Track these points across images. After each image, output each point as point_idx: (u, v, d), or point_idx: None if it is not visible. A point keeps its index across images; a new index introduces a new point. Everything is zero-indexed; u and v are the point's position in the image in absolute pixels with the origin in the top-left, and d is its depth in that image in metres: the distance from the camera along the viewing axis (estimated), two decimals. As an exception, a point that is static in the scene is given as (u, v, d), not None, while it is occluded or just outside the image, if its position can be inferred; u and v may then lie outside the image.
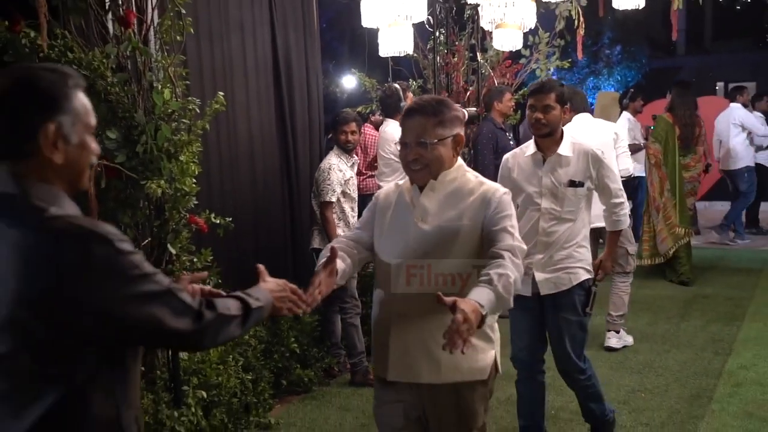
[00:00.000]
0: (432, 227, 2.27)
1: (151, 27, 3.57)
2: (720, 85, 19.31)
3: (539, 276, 3.34)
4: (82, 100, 1.52)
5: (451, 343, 1.81)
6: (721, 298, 6.45)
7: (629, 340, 5.25)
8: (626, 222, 3.66)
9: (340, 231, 4.57)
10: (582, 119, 4.95)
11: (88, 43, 3.44)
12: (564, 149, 3.35)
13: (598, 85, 20.32)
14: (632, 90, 8.85)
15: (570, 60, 7.14)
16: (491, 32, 6.19)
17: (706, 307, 6.19)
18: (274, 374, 4.34)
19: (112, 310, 1.41)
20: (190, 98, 3.66)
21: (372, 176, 5.90)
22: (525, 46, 6.64)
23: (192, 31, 3.71)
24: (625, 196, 3.60)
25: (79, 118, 1.51)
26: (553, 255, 3.33)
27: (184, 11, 3.58)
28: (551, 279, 3.34)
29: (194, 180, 3.57)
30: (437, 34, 6.50)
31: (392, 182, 4.78)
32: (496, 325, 2.40)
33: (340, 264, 2.26)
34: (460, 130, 2.35)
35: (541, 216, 3.34)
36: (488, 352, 2.35)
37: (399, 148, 2.36)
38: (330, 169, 4.59)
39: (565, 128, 3.42)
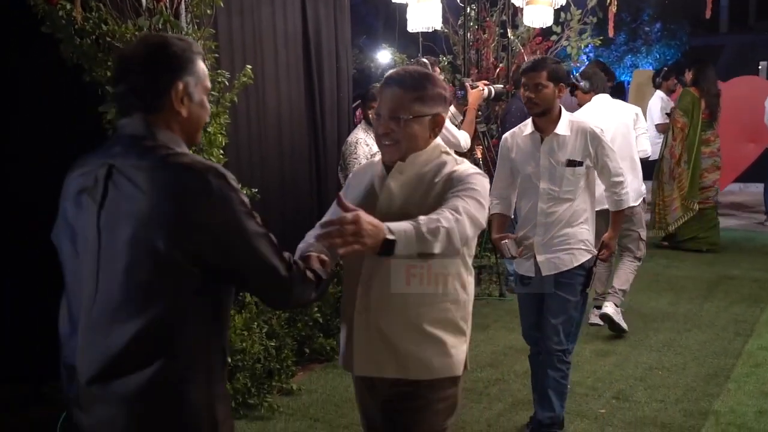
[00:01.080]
0: (395, 213, 2.00)
1: (182, 1, 3.65)
2: (763, 65, 18.89)
3: (540, 257, 3.33)
4: (201, 65, 1.75)
5: (325, 235, 1.69)
6: (747, 279, 6.41)
7: (623, 323, 4.99)
8: (628, 201, 3.61)
9: (364, 204, 4.65)
10: (601, 100, 4.94)
11: (122, 16, 3.53)
12: (561, 128, 3.29)
13: (636, 62, 20.02)
14: (666, 69, 8.74)
15: (601, 38, 7.07)
16: (522, 8, 6.18)
17: (731, 288, 6.16)
18: (298, 342, 4.46)
19: (223, 235, 1.60)
20: (219, 71, 3.75)
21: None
22: (556, 23, 6.61)
23: (222, 4, 3.79)
24: (624, 175, 3.52)
25: (200, 80, 1.74)
26: (554, 235, 3.31)
27: (214, -16, 3.65)
28: (552, 259, 3.33)
29: (221, 151, 3.67)
30: (468, 10, 6.49)
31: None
32: (469, 319, 2.21)
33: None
34: (443, 111, 2.16)
35: (540, 197, 3.31)
36: (460, 347, 2.16)
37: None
38: (357, 143, 4.65)
39: (583, 108, 3.44)
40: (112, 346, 1.59)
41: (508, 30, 6.61)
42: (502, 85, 5.75)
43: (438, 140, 2.19)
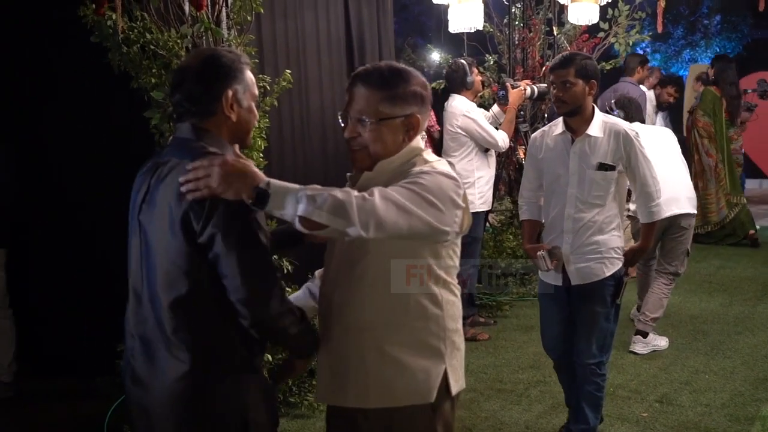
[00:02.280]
0: None
1: (224, 8, 3.74)
2: (831, 59, 18.15)
3: (569, 266, 3.17)
4: (249, 74, 1.91)
5: (186, 179, 1.66)
6: (806, 281, 6.21)
7: (661, 343, 4.77)
8: (662, 212, 3.38)
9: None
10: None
11: (166, 24, 3.64)
12: (594, 129, 3.11)
13: (695, 57, 19.47)
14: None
15: (651, 33, 6.93)
16: (567, 6, 6.11)
17: (788, 290, 5.98)
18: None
19: (218, 232, 1.69)
20: (261, 76, 3.82)
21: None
22: (604, 19, 6.51)
23: (262, 10, 3.86)
24: (659, 185, 3.24)
25: (248, 88, 1.89)
26: (583, 243, 3.14)
27: (255, -8, 3.73)
28: (582, 269, 3.15)
29: (261, 154, 3.75)
30: (512, 9, 6.45)
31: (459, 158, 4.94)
32: (456, 336, 1.97)
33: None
34: (417, 111, 1.91)
35: (568, 201, 3.14)
36: (431, 369, 1.89)
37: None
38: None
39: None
40: (151, 322, 1.78)
41: (554, 28, 6.53)
42: (546, 84, 5.69)
43: (415, 144, 1.95)
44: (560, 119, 3.23)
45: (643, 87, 7.39)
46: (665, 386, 4.15)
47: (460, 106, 4.97)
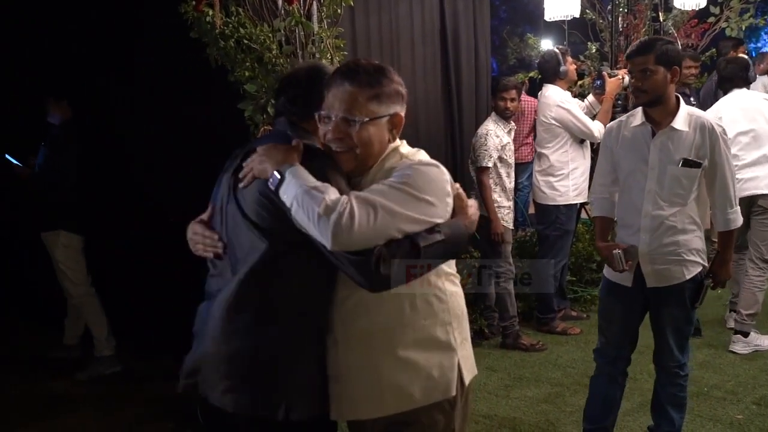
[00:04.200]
0: None
1: (314, 2, 3.85)
2: None
3: (645, 267, 2.94)
4: None
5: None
6: None
7: (765, 342, 4.52)
8: (739, 220, 2.99)
9: (496, 196, 4.66)
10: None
11: (261, 18, 3.79)
12: (679, 122, 2.86)
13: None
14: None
15: (766, 17, 6.54)
16: (675, -10, 5.87)
17: None
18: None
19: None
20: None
21: (527, 144, 5.94)
22: (714, 3, 6.21)
23: (352, 3, 3.94)
24: (736, 201, 2.97)
25: None
26: (662, 243, 2.91)
27: (345, -14, 3.81)
28: (660, 271, 2.93)
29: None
30: (616, -5, 6.26)
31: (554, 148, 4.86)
32: (462, 324, 1.96)
33: None
34: (401, 109, 1.87)
35: (646, 197, 2.91)
36: (445, 363, 1.89)
37: (320, 121, 1.86)
38: (487, 134, 4.66)
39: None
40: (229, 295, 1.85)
41: (660, 13, 6.28)
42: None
43: (398, 142, 1.92)
44: (639, 109, 3.01)
45: None
46: (765, 388, 3.94)
47: (554, 96, 4.89)
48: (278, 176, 1.73)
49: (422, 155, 1.92)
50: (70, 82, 4.86)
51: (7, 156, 4.81)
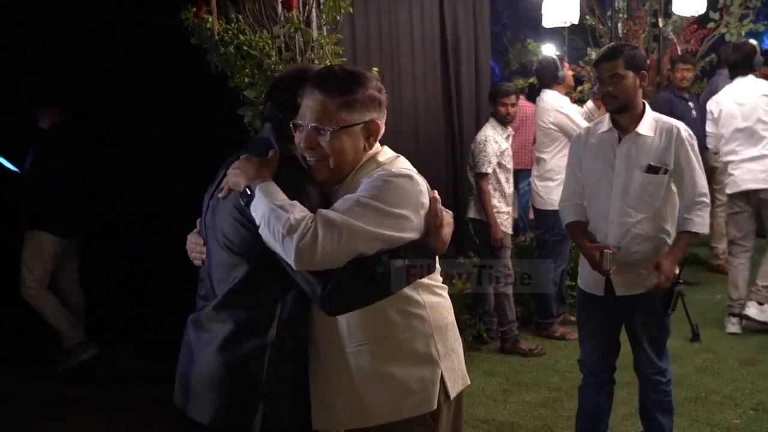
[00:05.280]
0: None
1: (313, 8, 3.87)
2: None
3: (614, 275, 2.89)
4: None
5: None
6: None
7: None
8: (703, 228, 2.90)
9: (495, 201, 4.67)
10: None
11: (260, 25, 3.81)
12: (644, 127, 2.83)
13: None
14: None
15: (765, 23, 6.56)
16: (673, -4, 5.90)
17: None
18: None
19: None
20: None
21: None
22: (714, 8, 6.23)
23: (351, 10, 3.95)
24: (708, 196, 2.91)
25: None
26: (630, 251, 2.88)
27: (345, -8, 3.83)
28: (629, 279, 2.89)
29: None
30: (615, 3, 6.28)
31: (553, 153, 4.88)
32: (448, 335, 1.92)
33: None
34: (377, 116, 1.82)
35: (612, 204, 2.89)
36: (426, 377, 1.85)
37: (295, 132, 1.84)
38: (486, 141, 4.68)
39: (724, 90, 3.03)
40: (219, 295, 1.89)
41: (660, 19, 6.31)
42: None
43: (375, 150, 1.87)
44: (606, 115, 2.98)
45: None
46: (763, 393, 3.95)
47: (552, 101, 4.91)
48: (249, 192, 1.74)
49: (401, 162, 1.87)
50: (71, 86, 4.92)
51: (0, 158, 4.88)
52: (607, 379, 3.15)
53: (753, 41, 5.09)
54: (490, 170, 4.65)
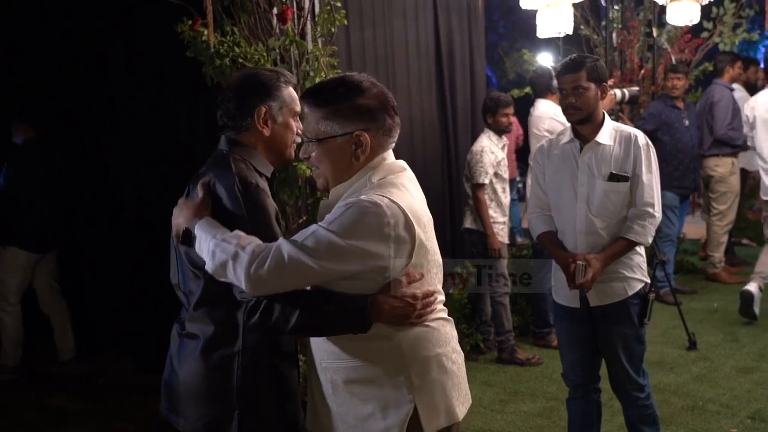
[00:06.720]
0: None
1: (308, 20, 3.89)
2: None
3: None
4: (290, 92, 2.00)
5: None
6: None
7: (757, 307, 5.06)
8: (647, 239, 2.87)
9: (491, 212, 4.68)
10: None
11: (255, 37, 3.83)
12: (604, 136, 2.86)
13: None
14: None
15: (759, 32, 6.60)
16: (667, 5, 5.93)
17: None
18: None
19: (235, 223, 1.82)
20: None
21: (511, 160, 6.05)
22: (707, 18, 6.27)
23: (346, 22, 3.97)
24: (659, 210, 2.88)
25: (286, 104, 1.98)
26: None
27: (338, 4, 3.85)
28: (602, 288, 2.87)
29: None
30: (610, 14, 6.32)
31: None
32: (431, 366, 1.80)
33: None
34: (365, 127, 1.76)
35: (578, 213, 2.88)
36: (390, 407, 1.76)
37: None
38: (482, 151, 4.69)
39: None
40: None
41: (654, 29, 6.34)
42: (636, 88, 5.54)
43: (374, 164, 1.80)
44: (568, 126, 3.00)
45: (736, 87, 6.55)
46: (760, 402, 3.94)
47: (546, 110, 4.93)
48: (190, 233, 1.80)
49: (391, 186, 1.77)
50: (55, 101, 4.94)
51: None
52: (593, 390, 3.13)
53: None
54: (487, 180, 4.66)
